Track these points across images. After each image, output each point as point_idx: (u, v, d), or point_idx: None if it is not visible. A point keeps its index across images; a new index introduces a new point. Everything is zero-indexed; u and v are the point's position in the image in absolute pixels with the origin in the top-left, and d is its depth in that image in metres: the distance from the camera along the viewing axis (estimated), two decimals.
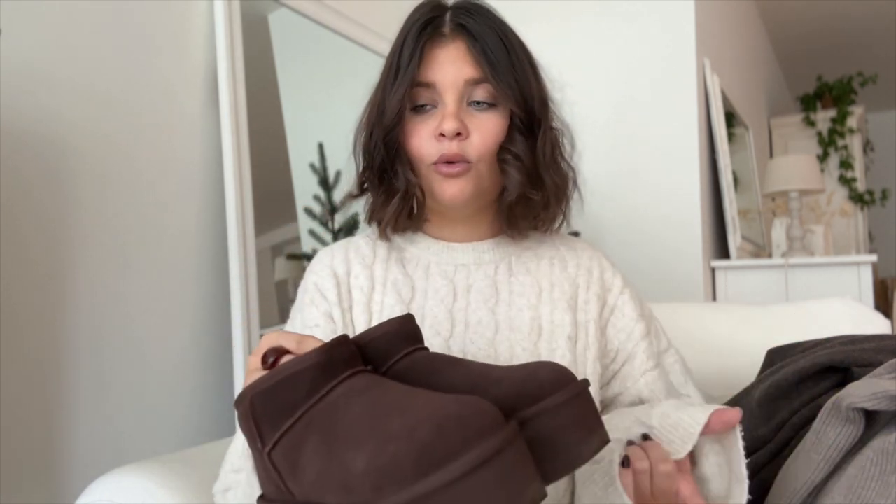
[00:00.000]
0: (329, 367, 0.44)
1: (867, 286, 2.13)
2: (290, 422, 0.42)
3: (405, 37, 0.72)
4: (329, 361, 0.44)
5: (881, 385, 0.61)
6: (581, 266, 0.79)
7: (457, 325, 0.73)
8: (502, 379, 0.48)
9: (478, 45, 0.70)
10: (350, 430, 0.39)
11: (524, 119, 0.71)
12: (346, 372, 0.44)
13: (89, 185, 1.05)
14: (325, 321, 0.75)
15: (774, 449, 0.78)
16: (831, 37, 4.14)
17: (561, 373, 0.48)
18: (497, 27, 0.72)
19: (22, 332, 0.95)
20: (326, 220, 1.51)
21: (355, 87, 0.84)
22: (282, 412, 0.42)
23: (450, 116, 0.69)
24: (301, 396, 0.42)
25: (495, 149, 0.71)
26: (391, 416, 0.37)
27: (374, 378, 0.45)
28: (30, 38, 0.98)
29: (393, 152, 0.72)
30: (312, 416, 0.42)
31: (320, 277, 0.77)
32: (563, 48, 2.28)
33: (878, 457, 0.57)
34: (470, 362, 0.53)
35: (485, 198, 0.74)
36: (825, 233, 2.82)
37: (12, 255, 0.94)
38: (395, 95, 0.70)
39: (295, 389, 0.42)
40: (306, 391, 0.42)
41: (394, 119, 0.70)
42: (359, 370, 0.46)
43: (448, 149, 0.69)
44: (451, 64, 0.71)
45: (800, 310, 1.13)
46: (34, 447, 0.95)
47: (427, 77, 0.71)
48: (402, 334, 0.55)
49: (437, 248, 0.78)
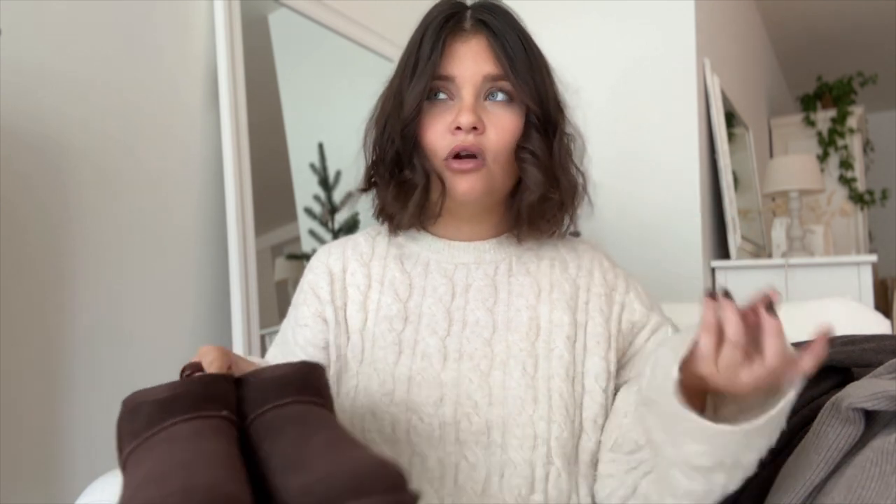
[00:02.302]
0: (170, 406, 0.47)
1: (867, 286, 2.13)
2: (134, 443, 0.46)
3: (425, 31, 0.72)
4: (173, 400, 0.47)
5: (881, 385, 0.61)
6: (582, 267, 0.79)
7: (454, 324, 0.73)
8: (313, 469, 0.44)
9: (498, 41, 0.71)
10: (149, 473, 0.42)
11: (541, 118, 0.72)
12: (182, 416, 0.46)
13: (89, 184, 1.05)
14: (313, 321, 0.75)
15: (774, 449, 0.77)
16: (831, 37, 4.14)
17: (382, 476, 0.43)
18: (516, 27, 0.73)
19: (22, 332, 0.95)
20: (326, 220, 1.51)
21: (355, 87, 0.84)
22: (133, 433, 0.47)
23: (467, 110, 0.69)
24: (141, 426, 0.47)
25: (511, 146, 0.72)
26: (168, 479, 0.40)
27: (203, 428, 0.46)
28: (30, 38, 0.98)
29: (410, 145, 0.72)
30: (144, 447, 0.46)
31: (315, 275, 0.78)
32: (563, 48, 2.27)
33: (878, 457, 0.57)
34: (329, 434, 0.49)
35: (494, 196, 0.75)
36: (825, 233, 2.82)
37: (12, 254, 0.94)
38: (415, 88, 0.71)
39: (140, 418, 0.47)
40: (145, 423, 0.46)
41: (413, 111, 0.71)
42: (201, 415, 0.47)
43: (463, 141, 0.69)
44: (472, 59, 0.71)
45: (800, 310, 1.13)
46: (34, 447, 0.95)
47: (447, 70, 0.71)
48: (297, 382, 0.53)
49: (438, 245, 0.78)
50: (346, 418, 0.71)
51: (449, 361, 0.71)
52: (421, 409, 0.68)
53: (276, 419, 0.50)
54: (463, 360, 0.71)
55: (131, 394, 0.48)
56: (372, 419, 0.69)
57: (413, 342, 0.72)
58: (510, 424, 0.68)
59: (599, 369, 0.73)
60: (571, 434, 0.69)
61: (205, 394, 0.48)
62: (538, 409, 0.69)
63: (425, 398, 0.69)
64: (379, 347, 0.72)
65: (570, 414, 0.69)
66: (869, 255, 2.25)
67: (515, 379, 0.70)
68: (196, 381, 0.49)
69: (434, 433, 0.68)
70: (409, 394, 0.69)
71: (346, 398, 0.72)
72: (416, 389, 0.69)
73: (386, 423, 0.68)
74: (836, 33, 4.08)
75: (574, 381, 0.72)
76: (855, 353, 0.78)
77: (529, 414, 0.68)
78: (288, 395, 0.52)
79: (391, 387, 0.70)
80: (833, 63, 4.41)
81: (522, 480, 0.66)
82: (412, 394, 0.69)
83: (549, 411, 0.69)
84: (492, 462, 0.67)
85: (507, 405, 0.69)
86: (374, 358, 0.72)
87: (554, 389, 0.70)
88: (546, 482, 0.67)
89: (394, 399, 0.69)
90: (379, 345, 0.72)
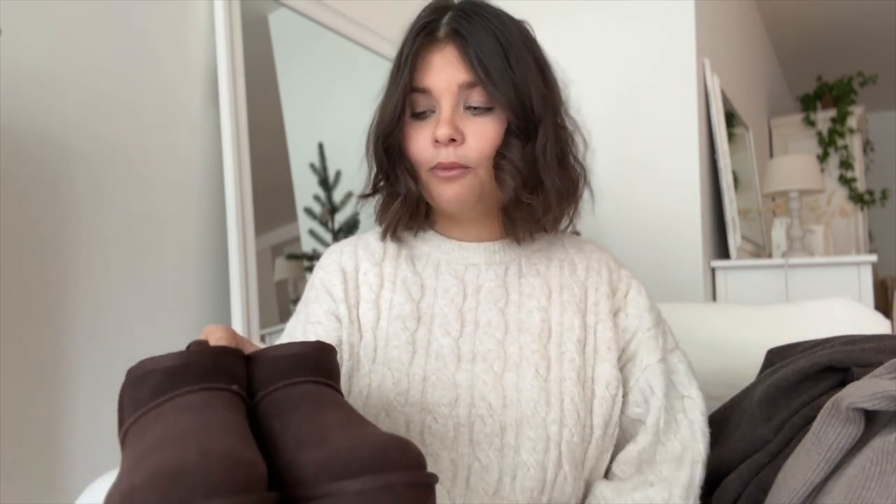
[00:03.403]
0: (179, 376, 0.45)
1: (867, 286, 2.13)
2: (139, 412, 0.45)
3: (405, 40, 0.72)
4: (183, 369, 0.45)
5: (881, 385, 0.61)
6: (590, 269, 0.79)
7: (466, 325, 0.73)
8: (331, 443, 0.43)
9: (469, 48, 0.69)
10: (159, 439, 0.41)
11: (520, 122, 0.70)
12: (192, 386, 0.45)
13: (89, 185, 1.05)
14: (327, 319, 0.75)
15: (774, 449, 0.77)
16: (831, 37, 4.14)
17: (403, 453, 0.42)
18: (496, 28, 0.70)
19: (22, 332, 0.95)
20: (326, 220, 1.51)
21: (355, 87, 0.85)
22: (137, 402, 0.45)
23: (443, 122, 0.68)
24: (147, 395, 0.45)
25: (493, 153, 0.70)
26: (181, 443, 0.38)
27: (213, 400, 0.45)
28: (30, 38, 0.98)
29: (393, 157, 0.72)
30: (150, 416, 0.44)
31: (328, 273, 0.78)
32: (562, 48, 2.28)
33: (878, 457, 0.57)
34: (344, 413, 0.48)
35: (489, 200, 0.74)
36: (825, 233, 2.82)
37: (12, 255, 0.94)
38: (392, 101, 0.71)
39: (145, 387, 0.45)
40: (151, 392, 0.45)
41: (390, 125, 0.70)
42: (211, 387, 0.45)
43: (445, 157, 0.69)
44: (444, 69, 0.70)
45: (800, 310, 1.13)
46: (34, 447, 0.95)
47: (423, 82, 0.70)
48: (310, 361, 0.51)
49: (447, 246, 0.78)
50: None
51: (462, 362, 0.71)
52: (436, 409, 0.68)
53: (290, 396, 0.49)
54: (476, 361, 0.71)
55: (137, 363, 0.46)
56: (386, 418, 0.69)
57: (426, 342, 0.72)
58: (524, 426, 0.68)
59: (610, 377, 0.73)
60: (581, 439, 0.69)
61: (214, 365, 0.46)
62: (551, 411, 0.69)
63: (440, 399, 0.69)
64: (392, 347, 0.72)
65: (581, 418, 0.70)
66: (869, 255, 2.25)
67: (528, 381, 0.70)
68: (206, 352, 0.47)
69: (448, 434, 0.68)
70: (424, 394, 0.69)
71: (359, 397, 0.71)
72: (430, 390, 0.69)
73: (400, 423, 0.68)
74: (836, 33, 4.08)
75: (584, 386, 0.72)
76: (855, 353, 0.78)
77: (542, 416, 0.68)
78: (301, 373, 0.50)
79: (406, 386, 0.69)
80: (833, 63, 4.41)
81: (534, 483, 0.66)
82: (427, 394, 0.69)
83: (561, 415, 0.69)
84: (504, 464, 0.67)
85: (521, 407, 0.69)
86: (387, 357, 0.72)
87: (566, 393, 0.70)
88: (553, 485, 0.67)
89: (409, 399, 0.69)
90: (392, 344, 0.72)
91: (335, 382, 0.53)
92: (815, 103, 4.29)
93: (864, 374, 0.71)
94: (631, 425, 0.75)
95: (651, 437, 0.73)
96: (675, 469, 0.71)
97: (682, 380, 0.79)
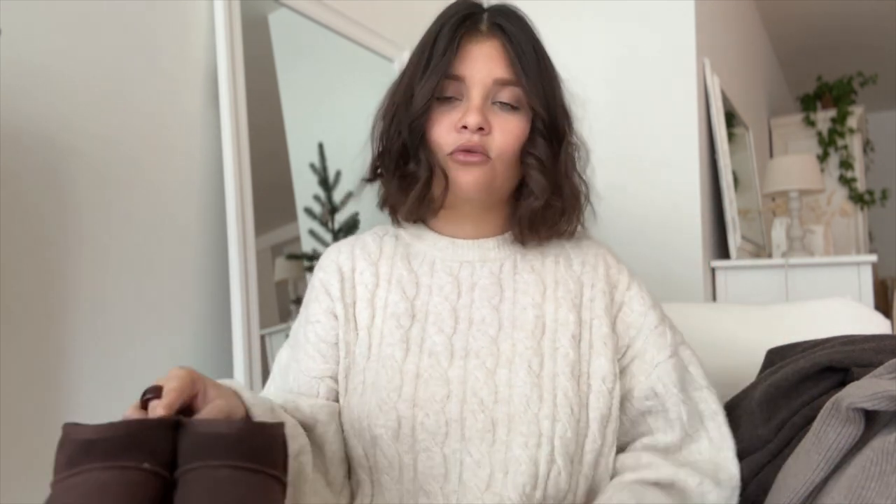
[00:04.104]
0: (88, 451, 0.46)
1: (867, 286, 2.13)
2: (56, 478, 0.46)
3: (440, 28, 0.73)
4: (91, 445, 0.46)
5: (881, 385, 0.61)
6: (587, 263, 0.80)
7: (460, 322, 0.74)
8: None
9: (513, 46, 0.72)
10: None
11: (547, 125, 0.73)
12: (99, 463, 0.46)
13: (89, 184, 1.05)
14: (325, 318, 0.77)
15: (774, 449, 0.77)
16: (831, 37, 4.13)
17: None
18: (530, 34, 0.74)
19: (22, 332, 0.95)
20: (326, 220, 1.51)
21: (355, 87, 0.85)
22: (57, 466, 0.47)
23: (474, 110, 0.70)
24: (63, 463, 0.47)
25: (515, 149, 0.73)
26: None
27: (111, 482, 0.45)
28: (30, 38, 0.98)
29: (417, 139, 0.73)
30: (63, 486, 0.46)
31: (326, 273, 0.79)
32: (562, 48, 2.27)
33: (878, 457, 0.57)
34: None
35: (496, 195, 0.76)
36: (825, 233, 2.82)
37: (12, 255, 0.94)
38: (426, 84, 0.72)
39: (63, 454, 0.47)
40: (66, 461, 0.46)
41: (422, 107, 0.72)
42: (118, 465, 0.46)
43: (469, 140, 0.70)
44: (484, 61, 0.72)
45: (800, 310, 1.13)
46: (34, 447, 0.95)
47: (458, 70, 0.72)
48: (233, 443, 0.48)
49: (442, 244, 0.79)
50: (354, 414, 0.72)
51: (455, 359, 0.72)
52: (428, 405, 0.69)
53: (200, 479, 0.47)
54: (469, 357, 0.72)
55: (70, 424, 0.48)
56: (379, 414, 0.70)
57: (420, 340, 0.73)
58: (515, 422, 0.68)
59: (606, 371, 0.73)
60: (576, 433, 0.70)
61: (128, 442, 0.46)
62: (543, 407, 0.69)
63: (432, 395, 0.70)
64: (387, 344, 0.73)
65: (574, 413, 0.70)
66: (869, 255, 2.25)
67: (521, 377, 0.70)
68: (123, 426, 0.47)
69: (440, 430, 0.68)
70: (417, 390, 0.70)
71: (354, 394, 0.73)
72: (423, 386, 0.70)
73: (392, 419, 0.69)
74: (836, 33, 4.08)
75: (580, 380, 0.72)
76: (855, 353, 0.78)
77: (535, 412, 0.69)
78: (219, 456, 0.48)
79: (399, 383, 0.71)
80: (833, 63, 4.41)
81: (526, 478, 0.67)
82: (419, 390, 0.70)
83: (554, 409, 0.69)
84: (496, 459, 0.67)
85: (513, 403, 0.69)
86: (381, 354, 0.73)
87: (559, 388, 0.70)
88: (547, 480, 0.67)
89: (401, 395, 0.70)
90: (387, 341, 0.73)
91: (267, 463, 0.50)
92: (815, 103, 4.29)
93: (864, 374, 0.71)
94: (641, 418, 0.76)
95: (679, 433, 0.74)
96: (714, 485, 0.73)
97: (697, 371, 0.79)
